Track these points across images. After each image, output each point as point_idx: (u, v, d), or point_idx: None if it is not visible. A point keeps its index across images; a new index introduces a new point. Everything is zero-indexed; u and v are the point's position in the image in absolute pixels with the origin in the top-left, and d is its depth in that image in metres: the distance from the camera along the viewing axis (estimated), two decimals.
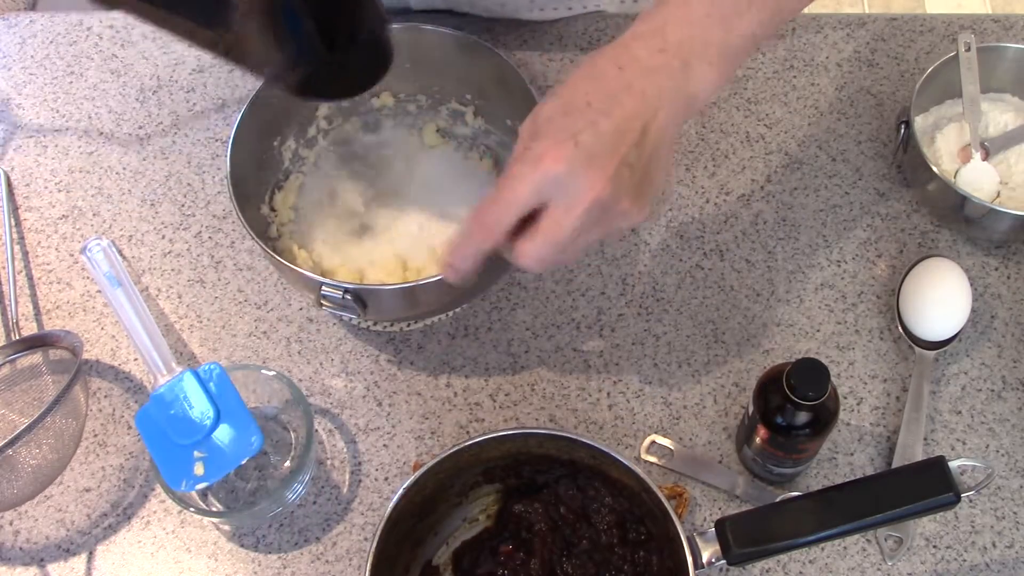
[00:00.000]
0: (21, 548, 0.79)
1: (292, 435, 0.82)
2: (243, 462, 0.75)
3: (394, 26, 0.79)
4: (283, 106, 0.86)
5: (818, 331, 0.85)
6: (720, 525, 0.66)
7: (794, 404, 0.69)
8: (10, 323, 0.87)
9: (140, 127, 0.98)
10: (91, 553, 0.78)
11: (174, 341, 0.87)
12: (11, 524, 0.80)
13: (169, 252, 0.92)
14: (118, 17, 1.03)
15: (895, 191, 0.92)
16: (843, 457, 0.80)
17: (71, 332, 0.81)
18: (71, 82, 1.01)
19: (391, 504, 0.67)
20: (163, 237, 0.92)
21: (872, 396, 0.82)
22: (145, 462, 0.82)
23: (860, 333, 0.85)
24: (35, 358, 0.82)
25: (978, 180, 0.86)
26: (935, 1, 2.33)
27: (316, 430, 0.82)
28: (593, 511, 0.73)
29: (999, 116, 0.90)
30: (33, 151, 0.97)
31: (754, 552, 0.65)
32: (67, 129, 0.99)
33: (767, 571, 0.76)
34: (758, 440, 0.74)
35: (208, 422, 0.75)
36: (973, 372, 0.83)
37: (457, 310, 0.86)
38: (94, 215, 0.94)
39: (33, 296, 0.90)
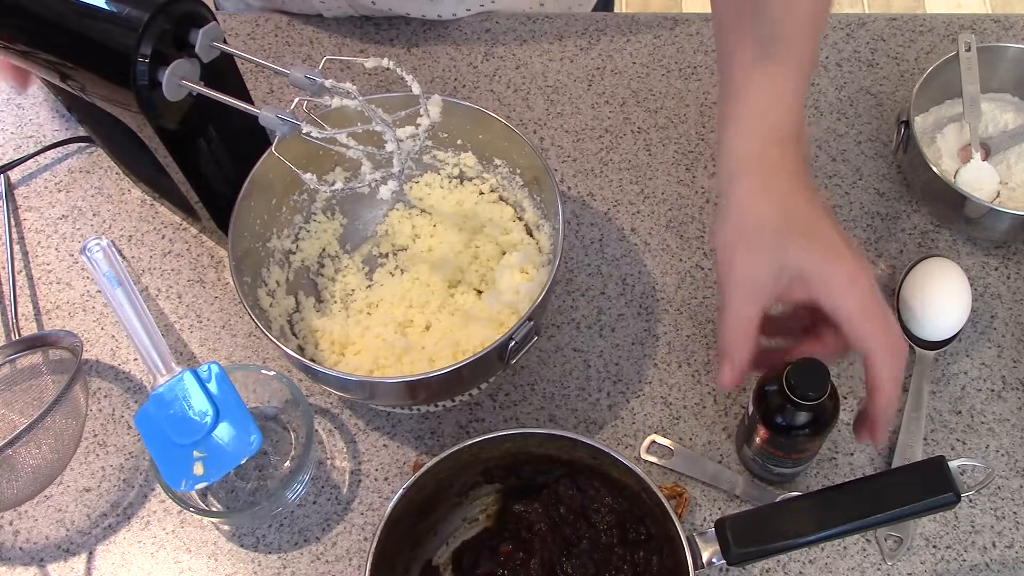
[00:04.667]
0: (21, 548, 0.79)
1: (292, 435, 0.82)
2: (243, 462, 0.75)
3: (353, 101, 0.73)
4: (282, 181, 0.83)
5: None
6: (720, 525, 0.66)
7: (794, 404, 0.68)
8: (10, 323, 0.87)
9: None
10: (91, 553, 0.78)
11: (174, 341, 0.87)
12: (11, 524, 0.80)
13: (169, 252, 0.92)
14: None
15: (895, 191, 0.92)
16: (843, 457, 0.80)
17: (71, 332, 0.81)
18: None
19: (391, 504, 0.67)
20: (163, 237, 0.92)
21: None
22: (145, 462, 0.82)
23: None
24: (35, 358, 0.82)
25: (978, 180, 0.86)
26: (935, 1, 2.33)
27: (316, 430, 0.82)
28: (593, 511, 0.73)
29: (999, 116, 0.90)
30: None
31: (754, 552, 0.65)
32: (67, 129, 0.99)
33: (767, 571, 0.76)
34: (758, 440, 0.74)
35: (208, 422, 0.75)
36: (973, 372, 0.83)
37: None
38: (94, 215, 0.94)
39: (33, 296, 0.90)
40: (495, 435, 0.70)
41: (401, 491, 0.68)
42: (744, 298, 0.64)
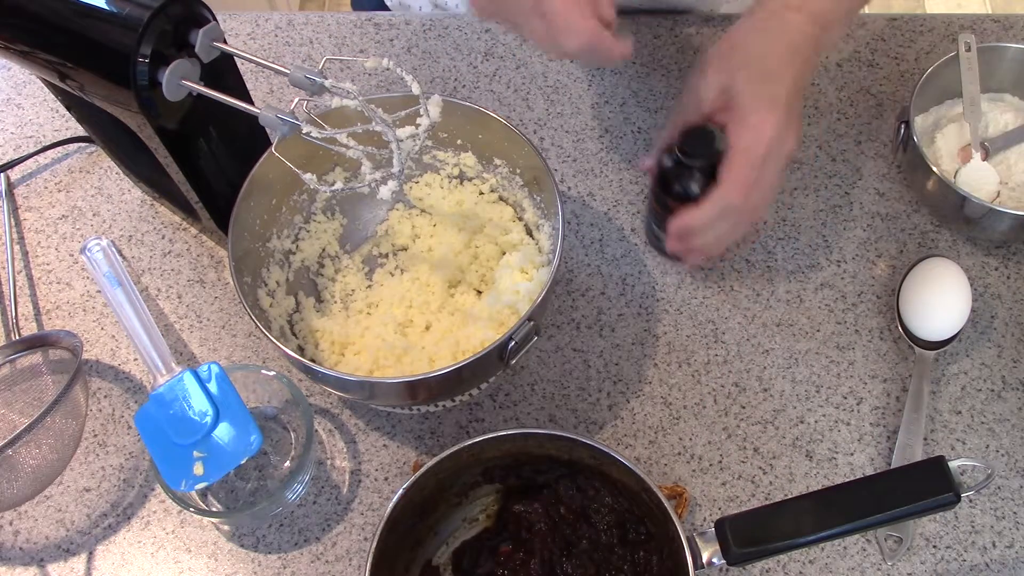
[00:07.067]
0: (21, 548, 0.79)
1: (292, 435, 0.82)
2: (243, 462, 0.75)
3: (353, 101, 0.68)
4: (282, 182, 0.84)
5: (818, 331, 0.85)
6: (720, 525, 0.66)
7: (686, 167, 0.76)
8: (10, 323, 0.87)
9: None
10: (91, 553, 0.78)
11: (174, 341, 0.87)
12: (11, 524, 0.80)
13: (169, 252, 0.92)
14: None
15: (895, 191, 0.92)
16: (843, 457, 0.80)
17: (71, 332, 0.81)
18: None
19: (391, 504, 0.67)
20: (163, 237, 0.92)
21: (872, 396, 0.82)
22: (145, 462, 0.82)
23: (860, 333, 0.85)
24: (35, 358, 0.82)
25: (978, 180, 0.86)
26: (935, 1, 2.33)
27: (316, 430, 0.82)
28: (593, 511, 0.73)
29: (999, 116, 0.90)
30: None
31: (754, 552, 0.65)
32: (67, 129, 0.99)
33: (767, 571, 0.76)
34: (658, 209, 0.80)
35: (208, 422, 0.75)
36: (973, 372, 0.83)
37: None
38: (94, 215, 0.94)
39: (33, 296, 0.90)
40: (495, 435, 0.70)
41: (401, 491, 0.68)
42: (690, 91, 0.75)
